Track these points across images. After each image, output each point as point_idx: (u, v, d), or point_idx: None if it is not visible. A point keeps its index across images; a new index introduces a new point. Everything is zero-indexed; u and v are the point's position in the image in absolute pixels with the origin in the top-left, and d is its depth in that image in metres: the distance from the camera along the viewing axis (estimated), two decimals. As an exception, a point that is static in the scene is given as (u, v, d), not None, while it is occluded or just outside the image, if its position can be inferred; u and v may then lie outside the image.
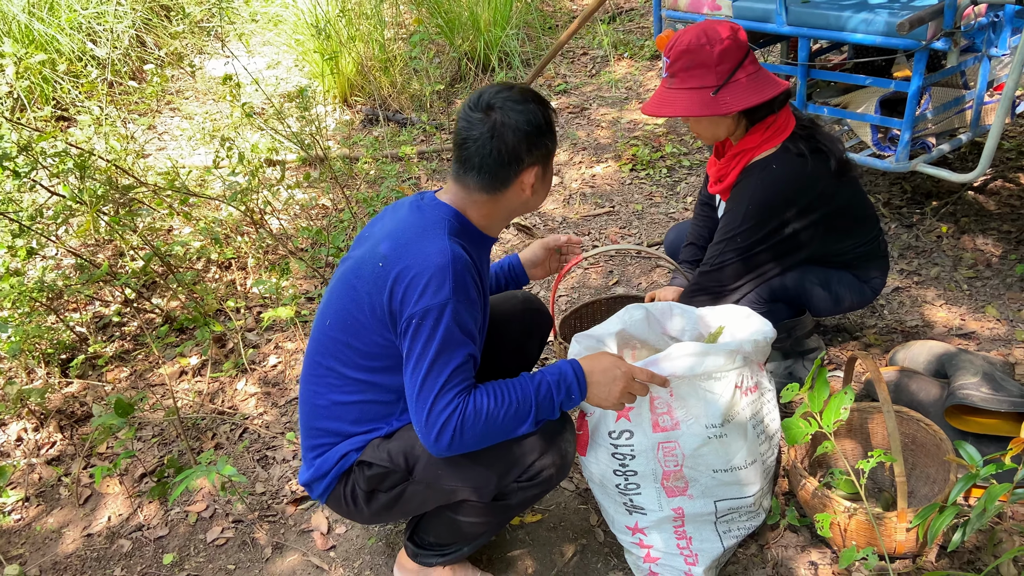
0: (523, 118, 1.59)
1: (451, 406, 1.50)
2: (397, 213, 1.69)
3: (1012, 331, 2.49)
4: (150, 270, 3.13)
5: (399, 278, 1.54)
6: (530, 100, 1.61)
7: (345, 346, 1.65)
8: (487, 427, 1.52)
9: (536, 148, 1.61)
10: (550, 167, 1.71)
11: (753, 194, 2.07)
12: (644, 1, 6.13)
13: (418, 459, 1.65)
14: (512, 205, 1.69)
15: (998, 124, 2.37)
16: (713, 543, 1.87)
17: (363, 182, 4.07)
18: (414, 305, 1.51)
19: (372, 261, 1.60)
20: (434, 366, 1.50)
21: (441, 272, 1.51)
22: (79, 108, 4.90)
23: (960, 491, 1.44)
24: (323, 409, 1.72)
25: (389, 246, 1.59)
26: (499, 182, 1.62)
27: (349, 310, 1.64)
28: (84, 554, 2.29)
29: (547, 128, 1.63)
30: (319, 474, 1.73)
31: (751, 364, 1.80)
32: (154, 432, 2.70)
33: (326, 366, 1.70)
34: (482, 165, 1.60)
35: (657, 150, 4.07)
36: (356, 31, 5.04)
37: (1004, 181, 3.25)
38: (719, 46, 1.96)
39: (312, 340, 1.75)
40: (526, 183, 1.64)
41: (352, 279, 1.65)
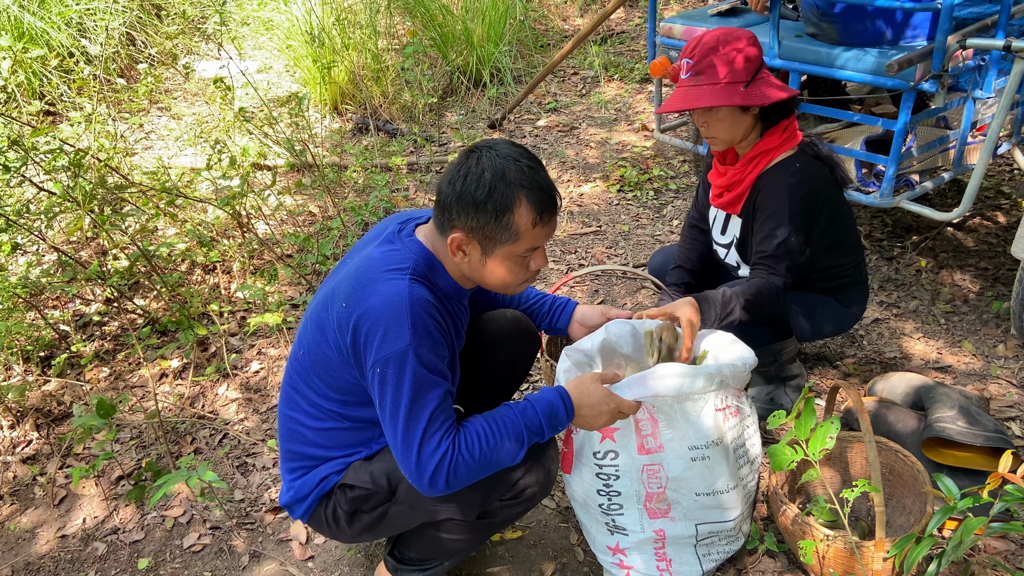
0: (471, 178, 1.46)
1: (440, 449, 1.46)
2: (373, 242, 1.63)
3: (987, 366, 2.55)
4: (135, 270, 3.11)
5: (359, 323, 1.49)
6: (502, 170, 1.46)
7: (317, 378, 1.63)
8: (480, 465, 1.50)
9: (465, 216, 1.48)
10: (500, 257, 1.53)
11: (792, 189, 2.06)
12: (635, 25, 6.21)
13: (401, 480, 1.63)
14: (458, 264, 1.58)
15: (982, 164, 2.44)
16: (692, 566, 1.89)
17: (351, 191, 4.07)
18: (376, 352, 1.46)
19: (339, 299, 1.55)
20: (412, 413, 1.46)
21: (398, 317, 1.45)
22: (68, 104, 4.86)
23: (937, 523, 1.47)
24: (299, 434, 1.70)
25: (353, 286, 1.53)
26: (439, 225, 1.55)
27: (319, 344, 1.60)
28: (58, 555, 2.26)
29: (490, 208, 1.46)
30: (299, 496, 1.71)
31: (730, 388, 1.83)
32: (132, 434, 2.67)
33: (301, 393, 1.68)
34: (437, 198, 1.55)
35: (645, 172, 4.11)
36: (349, 40, 5.05)
37: (982, 219, 3.33)
38: (745, 48, 2.01)
39: (290, 361, 1.73)
40: (450, 245, 1.52)
41: (323, 313, 1.61)
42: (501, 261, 1.54)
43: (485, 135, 4.80)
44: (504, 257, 1.53)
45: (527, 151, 1.53)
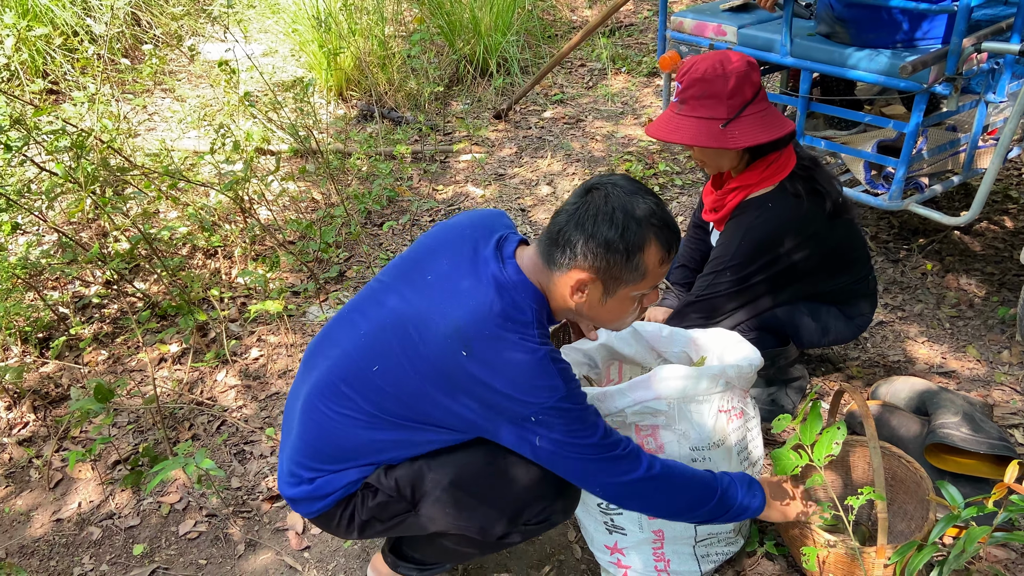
0: (602, 219, 1.40)
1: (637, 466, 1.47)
2: (479, 278, 1.47)
3: (992, 373, 2.53)
4: (135, 253, 3.09)
5: (492, 387, 1.40)
6: (631, 210, 1.41)
7: (393, 399, 1.49)
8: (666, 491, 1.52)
9: (594, 257, 1.42)
10: (621, 297, 1.49)
11: (747, 231, 2.10)
12: (644, 17, 6.16)
13: (425, 494, 1.55)
14: (566, 300, 1.49)
15: (993, 169, 2.41)
16: (691, 567, 1.88)
17: (355, 178, 4.05)
18: (525, 407, 1.40)
19: (452, 340, 1.41)
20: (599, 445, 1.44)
21: (543, 376, 1.40)
22: (71, 83, 4.83)
23: (941, 531, 1.46)
24: (338, 434, 1.56)
25: (476, 335, 1.40)
26: (553, 261, 1.46)
27: (407, 372, 1.45)
28: (52, 539, 2.25)
29: (622, 248, 1.41)
30: (317, 494, 1.60)
31: (735, 390, 1.82)
32: (130, 419, 2.66)
33: (363, 399, 1.52)
34: (550, 232, 1.46)
35: (650, 167, 4.08)
36: (356, 25, 5.01)
37: (989, 223, 3.31)
38: (734, 79, 1.97)
39: (342, 367, 1.55)
40: (571, 285, 1.45)
41: (416, 338, 1.45)
42: (620, 301, 1.50)
43: (491, 125, 4.77)
44: (624, 297, 1.49)
45: (646, 186, 1.48)
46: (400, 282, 1.55)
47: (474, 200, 3.94)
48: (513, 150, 4.44)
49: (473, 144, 4.54)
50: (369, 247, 3.54)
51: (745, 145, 2.00)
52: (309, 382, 1.61)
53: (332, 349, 1.60)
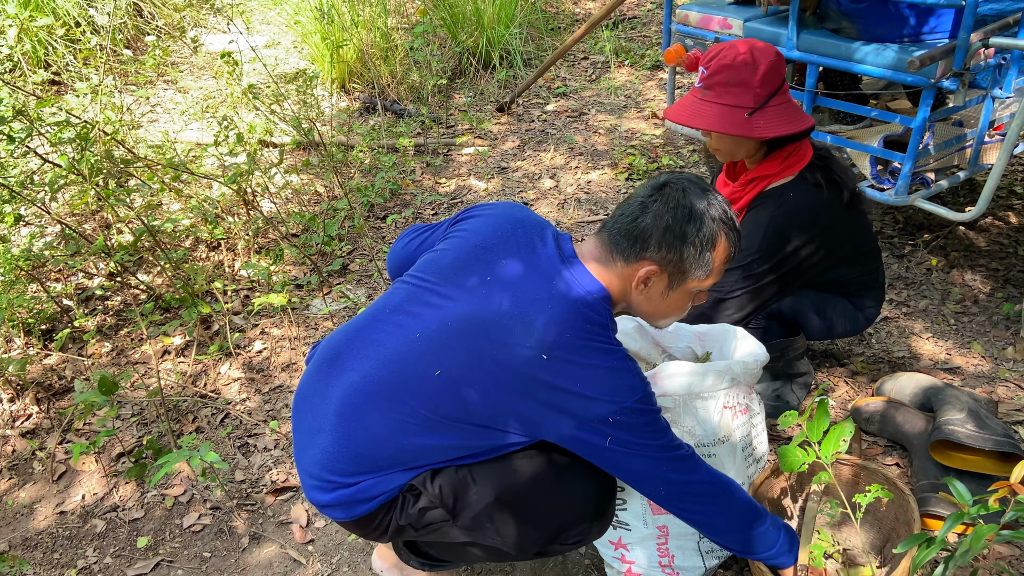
0: (680, 212, 1.45)
1: (703, 466, 1.48)
2: (547, 280, 1.46)
3: (996, 369, 2.53)
4: (138, 245, 3.08)
5: (571, 390, 1.39)
6: (707, 207, 1.46)
7: (458, 405, 1.45)
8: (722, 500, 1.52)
9: (668, 249, 1.45)
10: (682, 291, 1.52)
11: (771, 222, 2.07)
12: (648, 10, 6.14)
13: (467, 506, 1.51)
14: (627, 292, 1.51)
15: (1000, 165, 2.40)
16: (695, 562, 1.88)
17: (357, 171, 4.04)
18: (609, 411, 1.40)
19: (529, 344, 1.39)
20: (668, 448, 1.45)
21: (629, 377, 1.42)
22: (74, 74, 4.81)
23: (949, 529, 1.45)
24: (390, 443, 1.49)
25: (556, 341, 1.39)
26: (620, 252, 1.48)
27: (477, 380, 1.42)
28: (56, 532, 2.25)
29: (696, 242, 1.45)
30: (359, 498, 1.52)
31: (740, 386, 1.81)
32: (134, 411, 2.66)
33: (415, 408, 1.47)
34: (618, 223, 1.49)
35: (654, 161, 4.07)
36: (359, 17, 4.99)
37: (994, 219, 3.30)
38: (763, 69, 1.97)
39: (394, 370, 1.49)
40: (639, 276, 1.47)
41: (490, 347, 1.42)
42: (681, 296, 1.53)
43: (493, 118, 4.75)
44: (685, 292, 1.53)
45: (714, 189, 1.53)
46: (451, 284, 1.51)
47: (477, 193, 3.93)
48: (516, 143, 4.43)
49: (476, 137, 4.53)
50: (372, 240, 3.53)
51: (771, 136, 1.99)
52: (344, 384, 1.53)
53: (372, 350, 1.52)
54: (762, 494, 1.91)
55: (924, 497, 2.01)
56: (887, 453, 2.26)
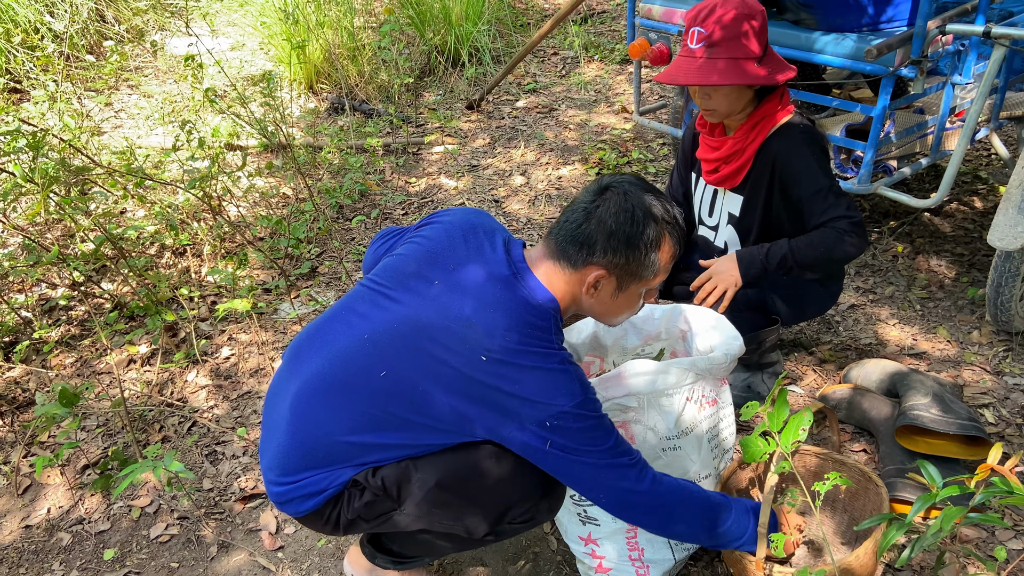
0: (623, 216, 1.46)
1: (644, 479, 1.47)
2: (493, 283, 1.47)
3: (962, 353, 2.55)
4: (100, 254, 3.04)
5: (510, 392, 1.40)
6: (649, 209, 1.47)
7: (407, 402, 1.47)
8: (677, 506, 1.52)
9: (613, 254, 1.47)
10: (631, 292, 1.54)
11: (810, 145, 2.07)
12: (617, 4, 6.14)
13: (411, 495, 1.53)
14: (577, 297, 1.53)
15: (960, 150, 2.42)
16: (665, 555, 1.88)
17: (326, 172, 4.01)
18: (547, 415, 1.40)
19: (471, 345, 1.41)
20: (611, 452, 1.44)
21: (568, 382, 1.42)
22: (33, 81, 4.74)
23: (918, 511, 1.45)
24: (337, 440, 1.52)
25: (496, 343, 1.40)
26: (567, 258, 1.49)
27: (417, 376, 1.44)
28: (21, 546, 2.21)
29: (640, 245, 1.46)
30: (307, 492, 1.56)
31: (707, 379, 1.81)
32: (99, 422, 2.62)
33: (360, 407, 1.50)
34: (563, 229, 1.50)
35: (624, 155, 4.08)
36: (325, 17, 4.95)
37: (959, 204, 3.33)
38: (760, 19, 1.98)
39: (342, 368, 1.52)
40: (588, 281, 1.49)
41: (428, 345, 1.43)
42: (631, 296, 1.56)
43: (463, 116, 4.73)
44: (634, 293, 1.55)
45: (654, 187, 1.53)
46: (401, 288, 1.53)
47: (448, 192, 3.91)
48: (486, 141, 4.42)
49: (446, 135, 4.51)
50: (340, 242, 3.50)
51: (784, 79, 2.00)
52: (298, 380, 1.56)
53: (325, 347, 1.55)
54: (731, 486, 1.91)
55: (891, 482, 2.02)
56: (854, 439, 2.28)
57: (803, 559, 1.90)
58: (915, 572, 1.89)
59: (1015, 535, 1.94)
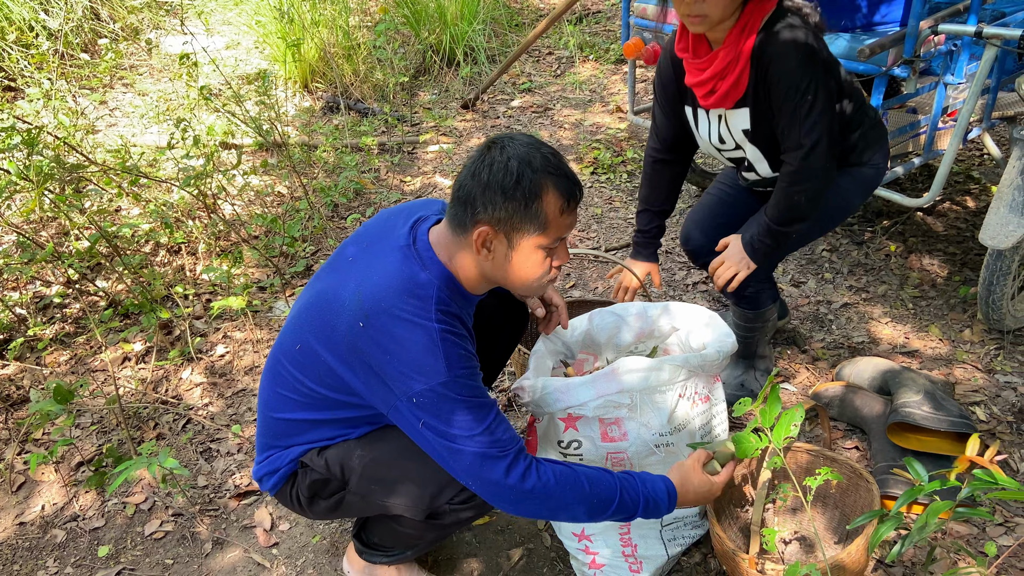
0: (496, 167, 1.42)
1: (512, 469, 1.43)
2: (383, 242, 1.54)
3: (953, 351, 2.57)
4: (95, 251, 3.04)
5: (384, 359, 1.42)
6: (527, 158, 1.43)
7: (314, 374, 1.56)
8: (557, 495, 1.47)
9: (492, 207, 1.42)
10: (524, 249, 1.47)
11: (798, 46, 1.90)
12: (612, 4, 6.15)
13: (353, 471, 1.62)
14: (478, 263, 1.50)
15: (952, 150, 2.44)
16: (658, 551, 1.89)
17: (321, 171, 4.01)
18: (410, 387, 1.41)
19: (352, 312, 1.45)
20: (472, 437, 1.42)
21: (429, 358, 1.41)
22: (28, 79, 4.73)
23: (902, 503, 1.47)
24: (286, 408, 1.64)
25: (373, 309, 1.43)
26: (458, 223, 1.48)
27: (317, 348, 1.52)
28: (16, 543, 2.21)
29: (519, 195, 1.41)
30: (272, 469, 1.69)
31: (701, 376, 1.82)
32: (93, 419, 2.62)
33: (293, 376, 1.59)
34: (453, 195, 1.48)
35: (618, 154, 4.09)
36: (320, 15, 4.95)
37: (952, 203, 3.35)
38: None
39: (282, 347, 1.63)
40: (475, 240, 1.45)
41: (328, 315, 1.50)
42: (527, 255, 1.48)
43: (458, 115, 4.74)
44: (530, 250, 1.48)
45: (544, 142, 1.50)
46: (328, 268, 1.63)
47: (442, 191, 3.92)
48: (481, 140, 4.42)
49: (441, 134, 4.52)
50: (335, 240, 3.51)
51: None
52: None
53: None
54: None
55: (882, 479, 2.03)
56: (847, 437, 2.29)
57: (795, 555, 1.92)
58: (906, 568, 1.90)
59: (1005, 531, 1.96)
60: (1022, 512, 2.01)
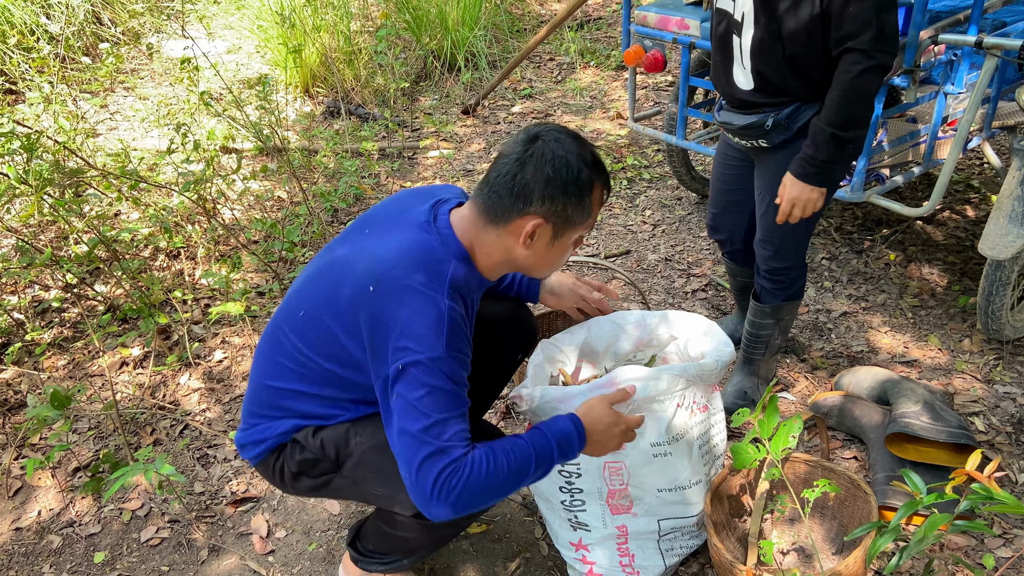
0: (559, 163, 1.45)
1: (450, 472, 1.38)
2: (401, 216, 1.56)
3: (953, 361, 2.56)
4: (94, 256, 3.03)
5: (387, 324, 1.42)
6: (581, 154, 1.47)
7: (314, 342, 1.55)
8: (486, 488, 1.42)
9: (551, 201, 1.46)
10: (565, 240, 1.53)
11: None
12: (612, 11, 6.16)
13: (350, 456, 1.60)
14: (510, 250, 1.52)
15: (952, 160, 2.44)
16: (655, 561, 1.88)
17: (321, 176, 4.01)
18: (403, 356, 1.40)
19: (364, 276, 1.46)
20: (429, 428, 1.39)
21: (432, 332, 1.40)
22: (29, 83, 4.73)
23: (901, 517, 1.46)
24: (277, 384, 1.62)
25: (385, 274, 1.44)
26: (500, 212, 1.48)
27: (323, 312, 1.52)
28: (11, 549, 2.20)
29: (576, 190, 1.46)
30: (257, 439, 1.66)
31: (699, 386, 1.81)
32: (90, 425, 2.61)
33: (293, 345, 1.58)
34: (494, 184, 1.48)
35: (618, 161, 4.09)
36: (321, 20, 4.96)
37: (951, 213, 3.35)
38: None
39: (286, 312, 1.62)
40: (523, 231, 1.47)
41: (339, 279, 1.51)
42: (563, 246, 1.55)
43: (459, 120, 4.74)
44: (567, 241, 1.55)
45: (579, 134, 1.54)
46: (341, 239, 1.64)
47: (442, 196, 3.91)
48: (482, 145, 4.42)
49: (441, 140, 4.52)
50: (335, 246, 3.50)
51: None
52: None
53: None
54: (722, 492, 1.91)
55: (881, 490, 2.03)
56: (845, 447, 2.28)
57: (792, 566, 1.91)
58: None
59: (1003, 543, 1.95)
60: (1020, 524, 2.00)
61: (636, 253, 3.34)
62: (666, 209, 3.65)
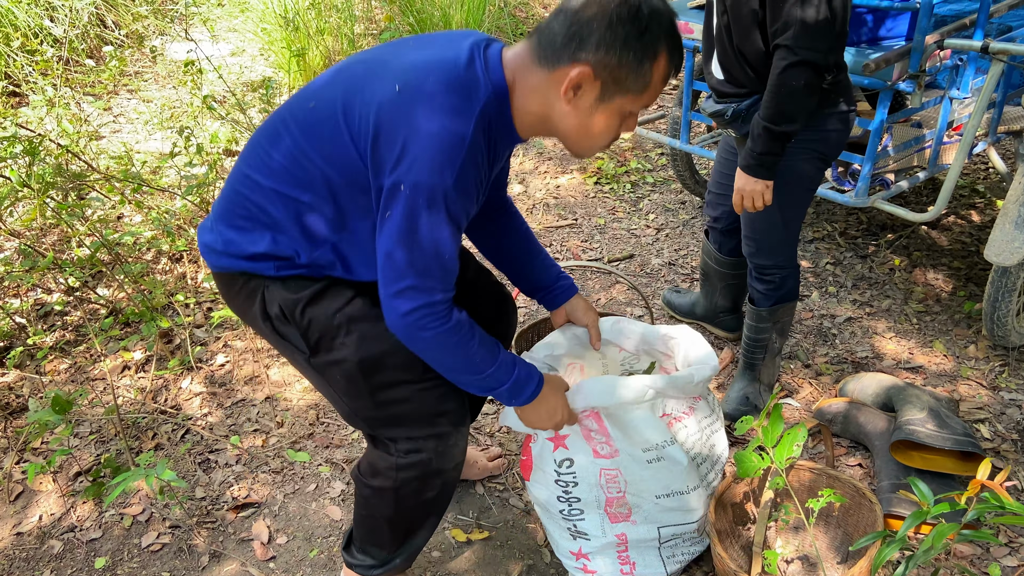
0: (626, 10, 1.26)
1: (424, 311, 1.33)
2: (455, 43, 1.39)
3: (958, 367, 2.55)
4: (96, 259, 3.03)
5: (404, 136, 1.29)
6: (659, 11, 1.29)
7: (316, 137, 1.40)
8: (440, 349, 1.39)
9: (607, 50, 1.28)
10: (613, 107, 1.36)
11: None
12: (616, 14, 6.16)
13: (330, 350, 1.51)
14: (551, 104, 1.37)
15: (957, 164, 2.42)
16: (656, 568, 1.87)
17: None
18: (407, 171, 1.28)
19: (392, 75, 1.33)
20: (416, 256, 1.31)
21: (447, 156, 1.28)
22: (32, 86, 4.74)
23: (909, 527, 1.45)
24: (257, 185, 1.47)
25: (415, 79, 1.31)
26: (552, 52, 1.32)
27: (335, 105, 1.37)
28: (12, 553, 2.20)
29: (638, 47, 1.28)
30: (227, 251, 1.51)
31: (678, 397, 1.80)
32: (92, 429, 2.61)
33: (292, 139, 1.43)
34: (553, 20, 1.33)
35: (622, 165, 4.08)
36: (325, 23, 4.96)
37: (956, 218, 3.33)
38: None
39: (294, 104, 1.47)
40: (570, 77, 1.31)
41: (362, 78, 1.37)
42: (609, 114, 1.37)
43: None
44: (615, 110, 1.36)
45: None
46: (373, 51, 1.48)
47: (445, 200, 3.90)
48: (484, 149, 4.41)
49: (444, 143, 4.51)
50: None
51: None
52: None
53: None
54: (726, 500, 1.90)
55: (886, 498, 2.01)
56: (850, 454, 2.27)
57: (797, 575, 1.90)
58: (909, 589, 1.88)
59: (1009, 552, 1.94)
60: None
61: (639, 257, 3.33)
62: (670, 213, 3.64)
